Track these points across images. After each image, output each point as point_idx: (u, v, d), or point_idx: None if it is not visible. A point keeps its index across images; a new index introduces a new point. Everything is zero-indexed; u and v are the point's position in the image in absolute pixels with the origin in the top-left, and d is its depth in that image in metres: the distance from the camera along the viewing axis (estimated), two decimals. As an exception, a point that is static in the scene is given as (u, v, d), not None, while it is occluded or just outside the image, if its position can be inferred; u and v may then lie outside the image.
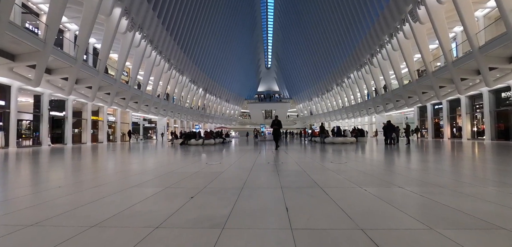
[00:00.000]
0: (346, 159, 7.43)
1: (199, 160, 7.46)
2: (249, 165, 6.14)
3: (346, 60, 37.97)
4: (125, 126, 33.49)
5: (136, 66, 25.03)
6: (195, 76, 41.93)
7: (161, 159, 8.42)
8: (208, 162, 6.72)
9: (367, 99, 37.08)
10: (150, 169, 5.81)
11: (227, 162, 6.84)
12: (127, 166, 6.55)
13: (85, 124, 25.03)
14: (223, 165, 6.27)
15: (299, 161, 6.80)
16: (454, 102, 24.97)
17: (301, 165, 5.92)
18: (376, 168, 5.53)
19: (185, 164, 6.66)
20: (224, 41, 48.61)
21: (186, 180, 4.31)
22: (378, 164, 6.40)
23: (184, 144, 18.16)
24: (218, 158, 8.19)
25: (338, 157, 8.05)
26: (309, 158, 7.80)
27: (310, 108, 63.62)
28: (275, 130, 11.72)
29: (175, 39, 31.76)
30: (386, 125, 15.39)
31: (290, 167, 5.71)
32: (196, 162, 6.89)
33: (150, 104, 30.49)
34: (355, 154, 9.10)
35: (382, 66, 29.08)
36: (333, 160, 7.02)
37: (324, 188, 3.49)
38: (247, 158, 8.07)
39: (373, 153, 9.94)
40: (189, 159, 8.09)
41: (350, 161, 6.67)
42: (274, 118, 11.99)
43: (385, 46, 26.36)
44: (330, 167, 5.60)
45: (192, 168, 5.75)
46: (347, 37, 34.89)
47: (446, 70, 18.95)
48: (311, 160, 7.19)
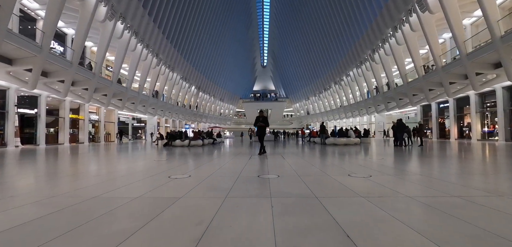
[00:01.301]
0: (364, 167, 5.52)
1: (164, 171, 5.47)
2: (229, 181, 4.18)
3: (345, 56, 36.22)
4: (111, 126, 31.32)
5: (119, 60, 22.88)
6: (186, 73, 39.80)
7: (116, 168, 6.40)
8: (172, 175, 4.74)
9: (367, 98, 35.37)
10: (74, 190, 3.81)
11: (201, 175, 4.87)
12: (52, 179, 4.53)
13: (62, 123, 22.81)
14: (192, 180, 4.30)
15: (302, 173, 4.87)
16: (461, 100, 23.32)
17: (306, 181, 3.98)
18: (437, 188, 3.60)
19: (137, 178, 4.66)
20: (218, 37, 46.54)
21: (103, 219, 2.34)
22: (425, 179, 4.48)
23: (168, 145, 16.12)
24: (193, 166, 6.20)
25: (352, 165, 6.13)
26: (314, 167, 5.87)
27: (307, 107, 61.87)
28: (260, 129, 9.43)
29: (164, 32, 29.63)
30: (396, 124, 13.54)
31: (291, 186, 3.77)
32: (156, 175, 4.90)
33: (137, 102, 28.32)
34: (370, 160, 7.20)
35: (385, 62, 27.35)
36: (349, 171, 5.10)
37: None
38: (232, 166, 6.11)
39: (393, 158, 8.05)
40: (153, 168, 6.10)
41: (373, 172, 4.77)
42: (259, 114, 9.68)
43: (389, 40, 24.61)
44: (353, 186, 3.66)
45: (140, 188, 3.77)
46: (346, 32, 33.11)
47: (458, 64, 17.21)
48: (319, 171, 5.25)
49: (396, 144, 14.12)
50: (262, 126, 9.37)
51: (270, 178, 4.32)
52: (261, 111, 9.89)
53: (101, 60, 19.90)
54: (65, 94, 17.39)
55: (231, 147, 16.67)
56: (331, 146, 15.62)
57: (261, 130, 9.41)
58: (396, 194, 3.18)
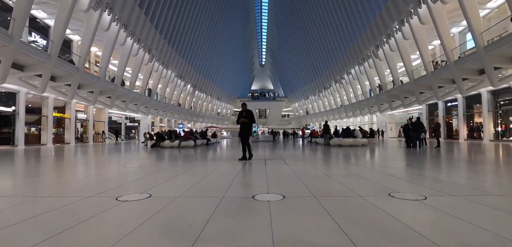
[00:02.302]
0: (400, 180, 4.03)
1: (122, 185, 3.93)
2: (206, 207, 2.65)
3: (347, 53, 34.77)
4: (100, 125, 29.72)
5: (107, 55, 21.26)
6: (181, 71, 38.17)
7: (63, 179, 4.85)
8: (125, 195, 3.20)
9: (369, 97, 33.97)
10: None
11: (169, 193, 3.34)
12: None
13: (45, 122, 21.19)
14: (148, 205, 2.76)
15: (318, 189, 3.36)
16: (471, 99, 21.96)
17: (330, 208, 2.47)
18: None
19: (66, 203, 3.12)
20: (215, 34, 44.94)
21: None
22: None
23: (156, 147, 14.56)
24: (166, 177, 4.65)
25: (379, 175, 4.62)
26: (331, 179, 4.34)
27: (306, 107, 60.44)
28: (243, 126, 7.39)
29: (157, 27, 28.02)
30: (413, 123, 12.01)
31: (307, 219, 2.25)
32: (105, 192, 3.37)
33: (127, 100, 26.69)
34: (398, 167, 5.71)
35: (389, 59, 25.92)
36: (384, 185, 3.59)
37: None
38: (218, 177, 4.59)
39: (426, 164, 6.54)
40: (112, 179, 4.56)
41: (420, 188, 3.27)
42: (242, 107, 7.62)
43: (394, 35, 23.16)
44: (412, 219, 2.15)
45: (43, 228, 2.23)
46: (348, 28, 31.66)
47: (474, 58, 15.77)
48: (340, 186, 3.72)
49: (409, 145, 12.66)
50: (245, 123, 7.26)
51: (271, 202, 2.80)
52: (244, 104, 7.82)
53: (85, 54, 18.28)
54: (43, 90, 15.76)
55: (226, 148, 15.15)
56: (336, 147, 14.13)
57: (245, 128, 7.31)
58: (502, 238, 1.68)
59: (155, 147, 14.51)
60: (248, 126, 7.34)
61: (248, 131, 7.39)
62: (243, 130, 7.39)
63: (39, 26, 20.15)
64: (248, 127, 7.35)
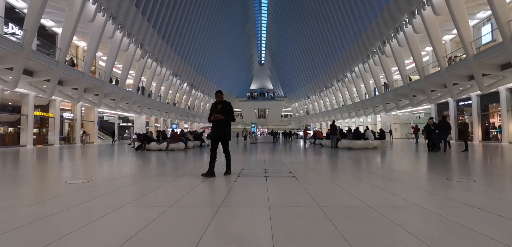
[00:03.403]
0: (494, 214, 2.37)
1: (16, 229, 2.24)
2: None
3: (350, 51, 33.09)
4: (90, 125, 27.97)
5: (92, 48, 19.52)
6: (177, 69, 36.41)
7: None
8: None
9: (373, 96, 32.31)
10: None
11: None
12: None
13: (25, 121, 19.44)
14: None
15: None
16: (487, 97, 20.35)
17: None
18: None
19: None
20: (212, 32, 43.21)
21: None
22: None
23: (141, 149, 12.84)
24: (102, 211, 2.93)
25: (468, 212, 2.94)
26: (391, 224, 2.63)
27: (306, 107, 58.75)
28: (217, 127, 5.07)
29: (150, 21, 26.30)
30: (438, 122, 10.30)
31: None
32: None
33: (117, 99, 24.93)
34: (475, 190, 4.03)
35: (397, 55, 24.26)
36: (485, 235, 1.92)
37: None
38: (185, 216, 2.90)
39: (481, 176, 4.86)
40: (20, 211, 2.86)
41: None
42: (216, 97, 5.17)
43: (404, 28, 21.50)
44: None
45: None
46: (353, 23, 29.99)
47: (499, 50, 14.11)
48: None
49: (430, 148, 10.98)
50: (219, 121, 4.96)
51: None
52: (219, 92, 5.14)
53: (66, 46, 16.53)
54: (14, 85, 14.00)
55: (220, 151, 13.44)
56: (346, 150, 12.45)
57: (219, 127, 5.02)
58: None
59: (140, 149, 12.79)
60: (223, 126, 5.01)
61: (223, 133, 5.03)
62: (216, 130, 5.03)
63: (17, 17, 18.42)
64: (223, 127, 5.01)
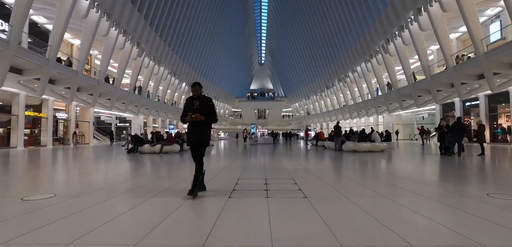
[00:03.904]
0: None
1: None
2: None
3: (352, 50, 32.35)
4: (85, 125, 27.25)
5: (86, 46, 18.77)
6: (176, 68, 35.65)
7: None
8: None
9: (376, 96, 31.57)
10: None
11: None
12: None
13: (15, 121, 18.71)
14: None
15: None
16: (495, 97, 19.66)
17: None
18: None
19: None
20: (212, 31, 42.46)
21: None
22: None
23: (133, 152, 12.07)
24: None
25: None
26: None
27: (307, 107, 57.98)
28: (195, 130, 3.75)
29: (146, 18, 25.55)
30: (453, 124, 9.55)
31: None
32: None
33: (113, 98, 24.17)
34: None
35: (402, 54, 23.52)
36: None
37: None
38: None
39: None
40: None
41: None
42: (192, 91, 3.87)
43: (409, 26, 20.76)
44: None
45: None
46: (355, 22, 29.27)
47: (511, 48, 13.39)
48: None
49: (443, 151, 10.23)
50: (196, 123, 3.73)
51: None
52: (197, 85, 3.87)
53: (57, 43, 15.79)
54: (1, 84, 13.24)
55: (218, 154, 12.69)
56: (350, 153, 11.70)
57: (197, 130, 3.75)
58: None
59: (132, 152, 12.03)
60: (202, 128, 3.73)
61: (201, 137, 3.74)
62: (193, 135, 3.75)
63: (8, 13, 17.68)
64: (202, 130, 3.73)
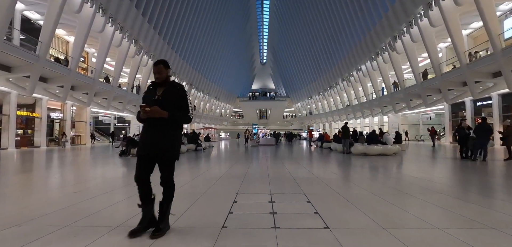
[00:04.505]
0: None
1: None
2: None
3: (357, 48, 31.37)
4: (82, 125, 26.48)
5: (79, 42, 17.94)
6: (175, 67, 34.81)
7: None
8: None
9: (382, 95, 30.57)
10: None
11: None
12: None
13: (6, 122, 17.91)
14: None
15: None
16: (509, 97, 18.65)
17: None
18: None
19: None
20: (212, 30, 41.58)
21: None
22: None
23: (124, 155, 11.19)
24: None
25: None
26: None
27: (309, 107, 56.99)
28: (149, 131, 2.38)
29: (145, 15, 24.72)
30: (478, 126, 8.61)
31: None
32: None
33: (110, 98, 23.34)
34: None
35: (410, 51, 22.53)
36: None
37: None
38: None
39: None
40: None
41: None
42: (155, 73, 2.47)
43: (418, 22, 19.78)
44: None
45: None
46: (360, 19, 28.29)
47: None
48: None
49: (464, 155, 9.29)
50: (155, 121, 2.35)
51: None
52: (161, 64, 2.47)
53: (48, 39, 14.96)
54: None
55: (217, 157, 11.79)
56: (360, 157, 10.76)
57: (153, 134, 2.37)
58: None
59: (124, 155, 11.15)
60: (165, 129, 2.39)
61: (162, 143, 2.38)
62: (149, 142, 2.39)
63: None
64: (164, 132, 2.39)
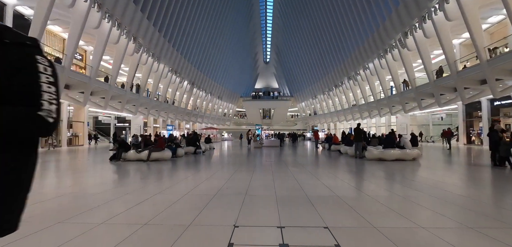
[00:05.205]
0: None
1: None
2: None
3: (364, 46, 30.14)
4: (79, 126, 25.64)
5: (73, 38, 17.04)
6: (177, 66, 33.88)
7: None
8: None
9: (391, 95, 29.31)
10: None
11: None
12: None
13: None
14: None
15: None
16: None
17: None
18: None
19: None
20: (215, 28, 40.57)
21: None
22: None
23: (115, 159, 10.20)
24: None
25: None
26: None
27: (313, 106, 55.76)
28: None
29: (144, 11, 23.79)
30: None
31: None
32: None
33: (107, 97, 22.45)
34: None
35: (422, 48, 21.29)
36: None
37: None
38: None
39: None
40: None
41: None
42: None
43: (432, 16, 18.55)
44: None
45: None
46: (368, 14, 27.08)
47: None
48: None
49: (496, 160, 8.16)
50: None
51: None
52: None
53: (38, 34, 14.05)
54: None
55: (215, 163, 10.75)
56: (375, 162, 9.65)
57: None
58: None
59: (114, 159, 10.16)
60: None
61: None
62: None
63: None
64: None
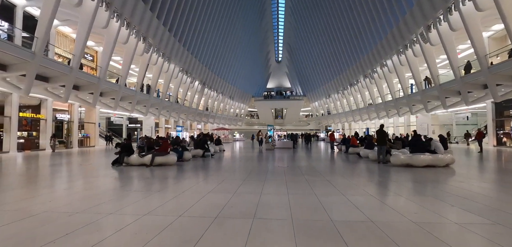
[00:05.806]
0: None
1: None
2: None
3: (382, 42, 28.59)
4: (90, 127, 25.67)
5: (81, 38, 16.72)
6: (187, 66, 33.44)
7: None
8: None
9: (411, 93, 27.62)
10: None
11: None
12: None
13: (8, 124, 17.05)
14: None
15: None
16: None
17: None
18: None
19: None
20: (226, 28, 39.92)
21: None
22: None
23: (117, 164, 9.57)
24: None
25: None
26: None
27: (327, 106, 54.19)
28: None
29: (153, 10, 23.37)
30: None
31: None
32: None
33: (117, 97, 22.18)
34: None
35: (447, 42, 19.70)
36: None
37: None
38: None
39: None
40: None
41: None
42: None
43: (460, 6, 17.00)
44: None
45: None
46: (386, 9, 25.55)
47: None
48: None
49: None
50: None
51: None
52: None
53: (44, 34, 13.75)
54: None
55: (223, 169, 9.92)
56: (403, 169, 8.52)
57: None
58: None
59: (117, 164, 9.53)
60: None
61: None
62: None
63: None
64: None
